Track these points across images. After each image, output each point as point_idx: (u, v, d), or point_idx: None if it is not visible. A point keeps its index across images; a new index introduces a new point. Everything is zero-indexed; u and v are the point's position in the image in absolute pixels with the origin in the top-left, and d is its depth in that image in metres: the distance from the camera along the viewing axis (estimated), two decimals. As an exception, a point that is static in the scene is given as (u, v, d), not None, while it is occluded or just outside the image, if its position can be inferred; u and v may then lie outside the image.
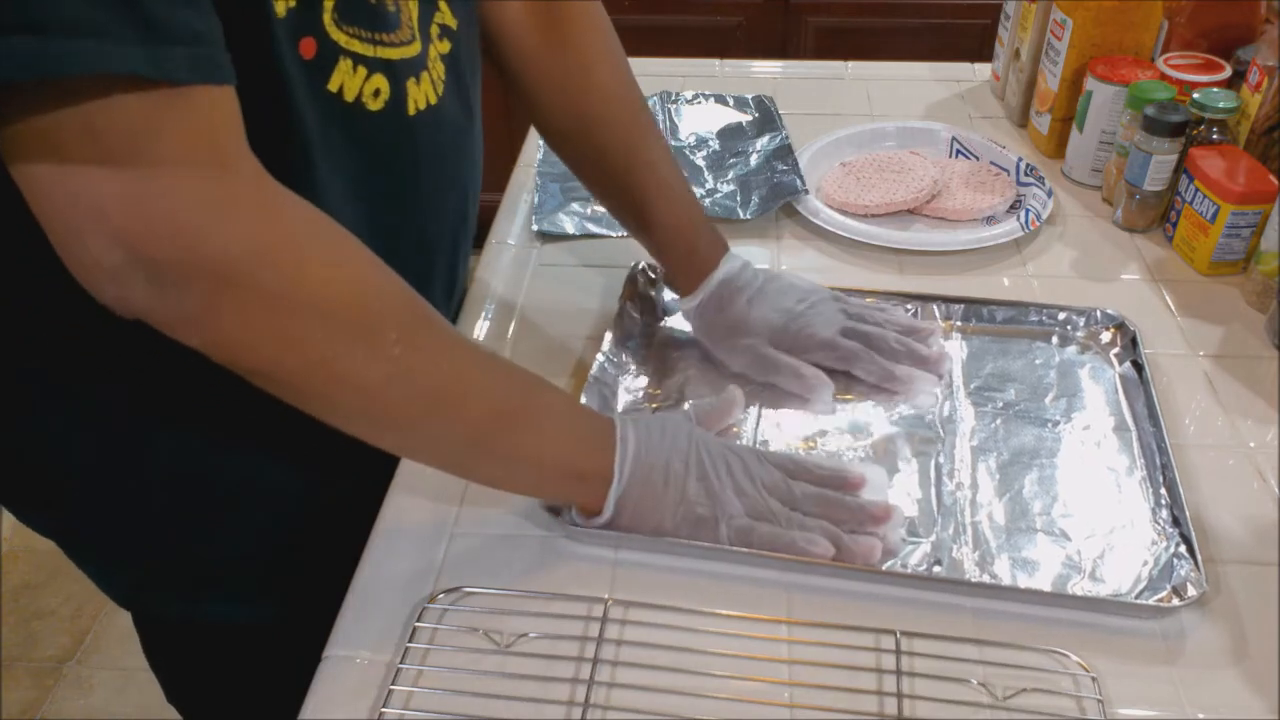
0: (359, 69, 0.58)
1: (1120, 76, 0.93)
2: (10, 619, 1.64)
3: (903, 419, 0.73)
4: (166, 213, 0.45)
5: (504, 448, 0.58)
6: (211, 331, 0.49)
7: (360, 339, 0.51)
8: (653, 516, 0.62)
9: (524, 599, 0.60)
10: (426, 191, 0.69)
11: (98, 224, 0.45)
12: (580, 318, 0.83)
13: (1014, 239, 0.90)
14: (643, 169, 0.76)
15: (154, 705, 0.84)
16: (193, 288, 0.47)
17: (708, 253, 0.77)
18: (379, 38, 0.59)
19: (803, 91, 1.18)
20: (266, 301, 0.48)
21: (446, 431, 0.57)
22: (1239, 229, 0.84)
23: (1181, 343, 0.80)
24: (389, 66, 0.60)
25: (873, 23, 1.97)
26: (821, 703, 0.55)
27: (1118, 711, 0.55)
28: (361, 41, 0.58)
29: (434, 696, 0.55)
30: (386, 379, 0.52)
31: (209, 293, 0.47)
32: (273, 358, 0.50)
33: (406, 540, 0.65)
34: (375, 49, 0.59)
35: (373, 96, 0.60)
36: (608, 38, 0.76)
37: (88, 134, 0.43)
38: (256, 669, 0.77)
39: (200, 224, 0.46)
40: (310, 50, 0.55)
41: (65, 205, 0.45)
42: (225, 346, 0.49)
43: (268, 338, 0.49)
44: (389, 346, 0.51)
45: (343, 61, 0.57)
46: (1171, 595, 0.59)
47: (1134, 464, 0.69)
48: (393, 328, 0.52)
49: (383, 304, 0.52)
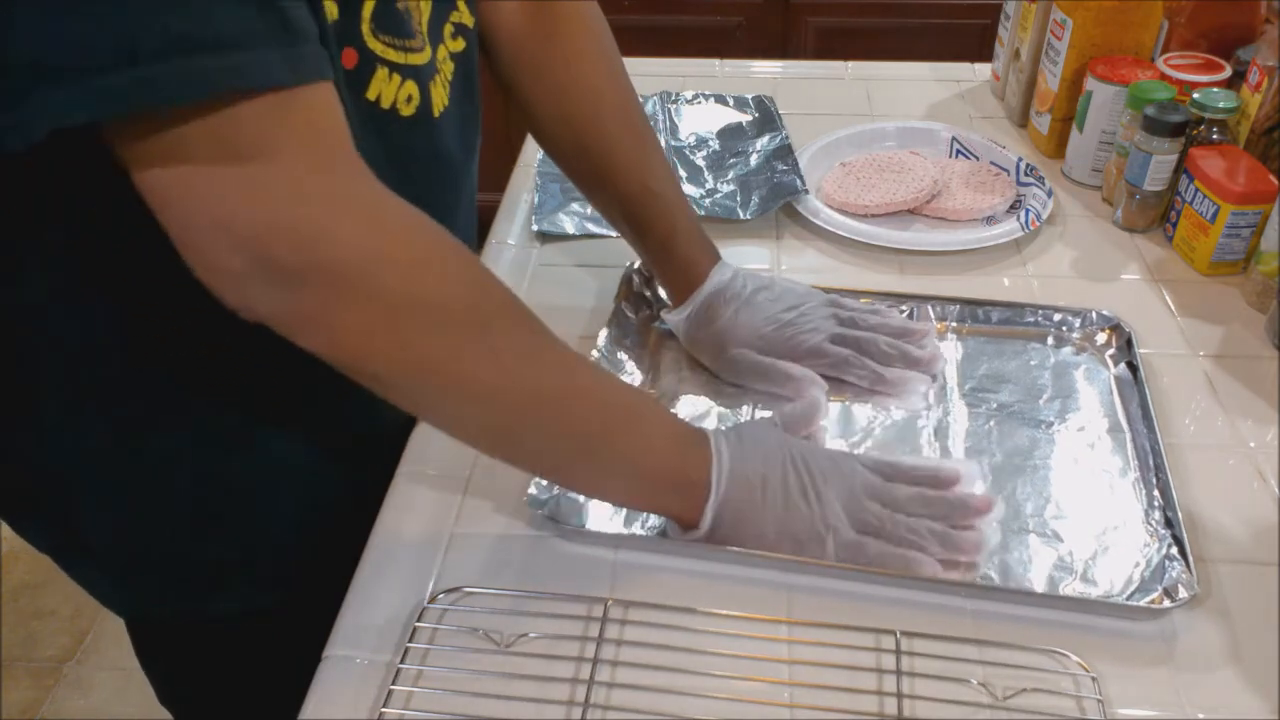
0: (394, 76, 0.59)
1: (1120, 76, 0.93)
2: (10, 619, 1.64)
3: (894, 423, 0.73)
4: (285, 214, 0.46)
5: (606, 453, 0.58)
6: (332, 333, 0.49)
7: (475, 339, 0.52)
8: (753, 527, 0.61)
9: (524, 599, 0.60)
10: (449, 193, 0.69)
11: (221, 230, 0.46)
12: (580, 317, 0.83)
13: (1014, 239, 0.90)
14: (633, 175, 0.75)
15: (154, 705, 0.84)
16: (312, 289, 0.47)
17: (697, 264, 0.77)
18: (407, 45, 0.60)
19: (803, 91, 1.18)
20: (385, 301, 0.49)
21: (552, 435, 0.57)
22: (1239, 229, 0.84)
23: (1181, 343, 0.80)
24: (417, 73, 0.61)
25: (873, 23, 1.97)
26: (821, 703, 0.55)
27: (1117, 711, 0.55)
28: (395, 50, 0.59)
29: (434, 696, 0.55)
30: (500, 380, 0.53)
31: (328, 294, 0.48)
32: (392, 359, 0.50)
33: (407, 540, 0.65)
34: (406, 56, 0.60)
35: (405, 103, 0.61)
36: (601, 40, 0.76)
37: (215, 141, 0.44)
38: (253, 669, 0.77)
39: (318, 224, 0.47)
40: (351, 60, 0.56)
41: (192, 213, 0.46)
42: (345, 349, 0.50)
43: (386, 338, 0.49)
44: (501, 348, 0.52)
45: (380, 70, 0.58)
46: (1163, 597, 0.59)
47: (1128, 465, 0.69)
48: (503, 329, 0.53)
49: (492, 304, 0.53)
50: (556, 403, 0.56)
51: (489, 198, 1.01)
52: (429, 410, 0.55)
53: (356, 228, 0.48)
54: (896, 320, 0.79)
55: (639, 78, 0.78)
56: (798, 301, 0.77)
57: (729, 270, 0.77)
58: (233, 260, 0.47)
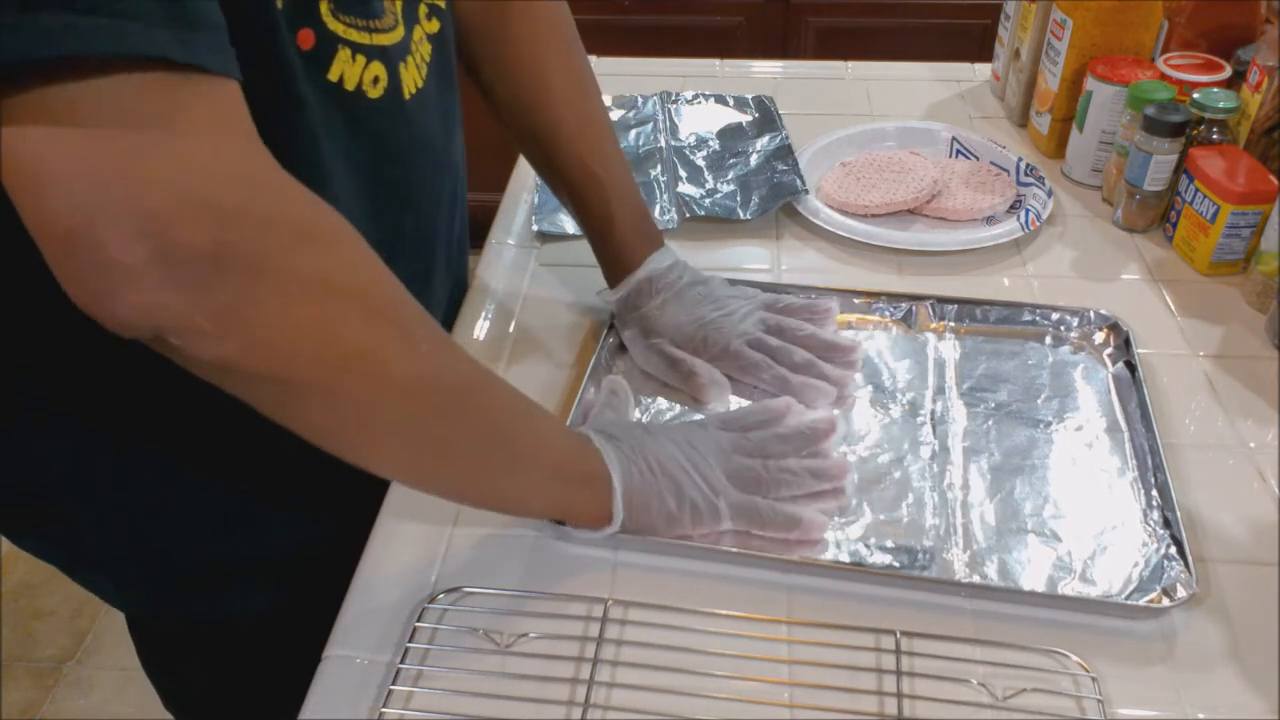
0: (358, 57, 0.58)
1: (1120, 76, 0.93)
2: (10, 619, 1.64)
3: (894, 421, 0.73)
4: (200, 191, 0.42)
5: (520, 445, 0.58)
6: (247, 329, 0.44)
7: (396, 331, 0.49)
8: (659, 510, 0.62)
9: (524, 599, 0.60)
10: (426, 177, 0.69)
11: (120, 211, 0.40)
12: (580, 317, 0.83)
13: (1014, 239, 0.90)
14: (575, 157, 0.76)
15: (154, 705, 0.84)
16: (227, 276, 0.43)
17: (634, 250, 0.77)
18: (372, 25, 0.59)
19: (803, 91, 1.18)
20: (306, 286, 0.45)
21: (469, 428, 0.55)
22: (1239, 229, 0.84)
23: (1181, 343, 0.80)
24: (384, 53, 0.60)
25: (873, 23, 1.97)
26: (821, 703, 0.55)
27: (1117, 711, 0.55)
28: (358, 30, 0.58)
29: (434, 696, 0.55)
30: (421, 376, 0.50)
31: (245, 280, 0.43)
32: (310, 354, 0.46)
33: (406, 540, 0.65)
34: (371, 36, 0.59)
35: (372, 84, 0.60)
36: (558, 26, 0.76)
37: (111, 115, 0.40)
38: (254, 670, 0.77)
39: (236, 203, 0.43)
40: (308, 41, 0.55)
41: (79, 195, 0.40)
42: (257, 347, 0.45)
43: (306, 329, 0.45)
44: (419, 341, 0.50)
45: (342, 51, 0.57)
46: (1162, 596, 0.59)
47: (1126, 465, 0.69)
48: (416, 318, 0.51)
49: (400, 293, 0.50)
50: (471, 395, 0.54)
51: (489, 198, 1.01)
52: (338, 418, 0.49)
53: (273, 207, 0.44)
54: (825, 336, 0.77)
55: (639, 78, 0.78)
56: (727, 302, 0.78)
57: (668, 258, 0.78)
58: (131, 250, 0.40)
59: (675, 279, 0.77)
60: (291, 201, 0.46)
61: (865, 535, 0.64)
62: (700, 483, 0.62)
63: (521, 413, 0.58)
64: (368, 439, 0.51)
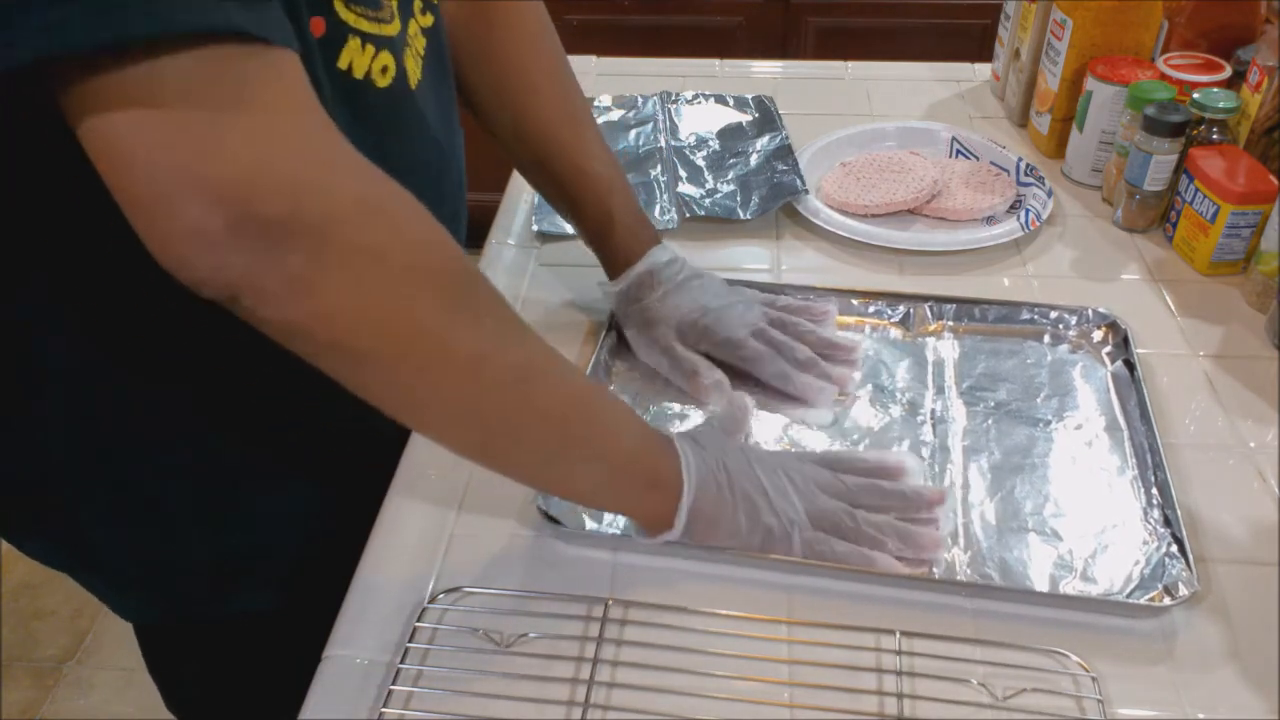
0: (367, 46, 0.58)
1: (1120, 76, 0.93)
2: (10, 619, 1.64)
3: (893, 421, 0.73)
4: (274, 164, 0.43)
5: (582, 439, 0.57)
6: (317, 298, 0.45)
7: (463, 305, 0.50)
8: (723, 527, 0.60)
9: (524, 599, 0.60)
10: (431, 168, 0.69)
11: (195, 183, 0.42)
12: (579, 317, 0.83)
13: (1014, 239, 0.90)
14: (568, 157, 0.76)
15: (154, 705, 0.84)
16: (300, 245, 0.44)
17: (633, 244, 0.77)
18: (378, 15, 0.59)
19: (803, 91, 1.18)
20: (374, 258, 0.46)
21: (531, 413, 0.54)
22: (1239, 229, 0.84)
23: (1181, 343, 0.80)
24: (390, 43, 0.60)
25: (873, 23, 1.97)
26: (822, 703, 0.55)
27: (1118, 711, 0.55)
28: (367, 20, 0.58)
29: (434, 696, 0.55)
30: (484, 350, 0.51)
31: (316, 249, 0.44)
32: (378, 324, 0.47)
33: (406, 540, 0.65)
34: (378, 26, 0.59)
35: (380, 73, 0.60)
36: (539, 30, 0.76)
37: (185, 86, 0.41)
38: (254, 671, 0.77)
39: (308, 176, 0.44)
40: (319, 29, 0.55)
41: (160, 166, 0.42)
42: (329, 316, 0.46)
43: (375, 300, 0.46)
44: (485, 315, 0.50)
45: (351, 39, 0.57)
46: (1163, 594, 0.59)
47: (1125, 464, 0.69)
48: (485, 296, 0.51)
49: (470, 270, 0.51)
50: (535, 378, 0.54)
51: (489, 198, 1.01)
52: (403, 391, 0.51)
53: (344, 180, 0.46)
54: (826, 334, 0.78)
55: (639, 78, 0.78)
56: (729, 295, 0.78)
57: (667, 253, 0.78)
58: (209, 218, 0.42)
59: (675, 272, 0.77)
60: (361, 177, 0.47)
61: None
62: (777, 510, 0.61)
63: (588, 404, 0.57)
64: (429, 414, 0.53)
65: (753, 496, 0.61)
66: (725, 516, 0.60)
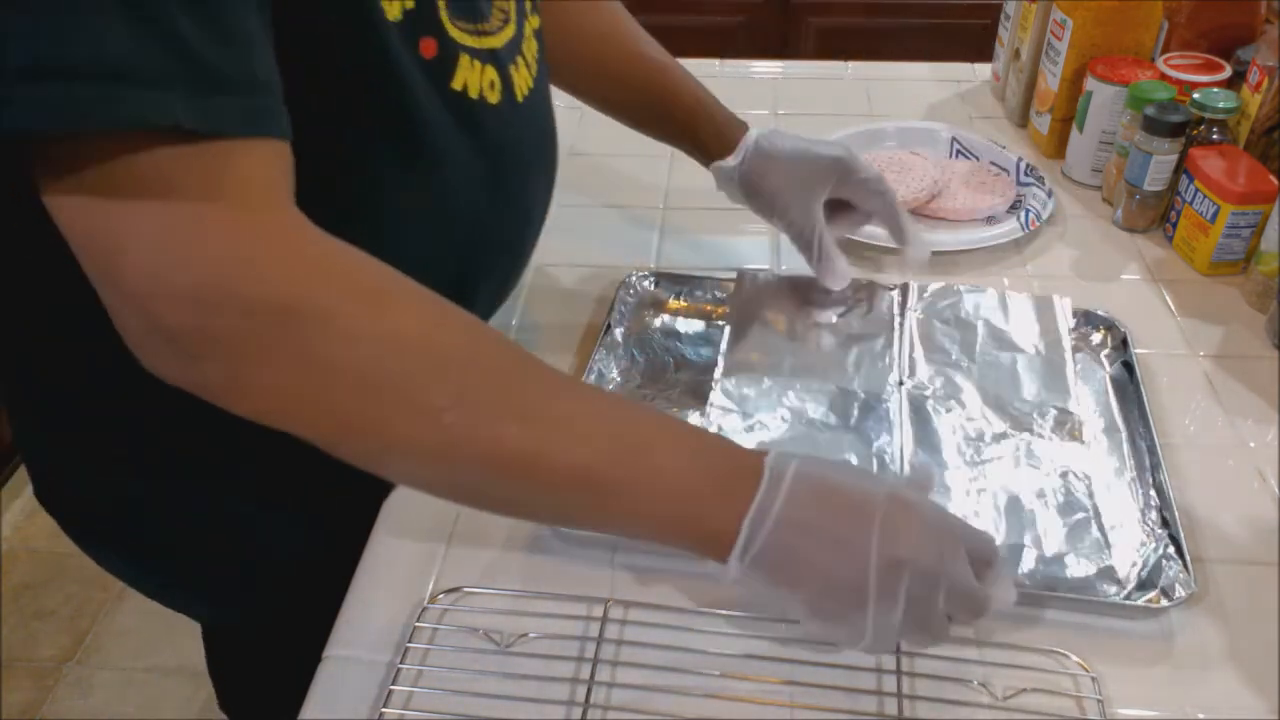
0: (475, 63, 0.57)
1: (1120, 76, 0.93)
2: (10, 619, 1.64)
3: (891, 414, 0.72)
4: (174, 274, 0.42)
5: (587, 512, 0.50)
6: (243, 402, 0.45)
7: (402, 404, 0.45)
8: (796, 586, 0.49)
9: (524, 599, 0.60)
10: (539, 175, 0.69)
11: (115, 286, 0.43)
12: (579, 318, 0.83)
13: (1014, 239, 0.90)
14: (649, 59, 0.78)
15: (154, 705, 0.84)
16: (215, 354, 0.43)
17: (734, 120, 0.78)
18: (481, 28, 0.58)
19: (803, 91, 1.18)
20: (290, 367, 0.44)
21: (517, 498, 0.50)
22: (1239, 229, 0.84)
23: (1181, 343, 0.80)
24: (495, 56, 0.59)
25: (873, 23, 1.97)
26: (822, 703, 0.55)
27: (1118, 711, 0.55)
28: (471, 35, 0.57)
29: (434, 696, 0.55)
30: (437, 448, 0.46)
31: (231, 359, 0.44)
32: (312, 425, 0.46)
33: (407, 540, 0.65)
34: (481, 40, 0.58)
35: (490, 89, 0.58)
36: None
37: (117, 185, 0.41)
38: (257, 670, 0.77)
39: (215, 287, 0.42)
40: (431, 50, 0.54)
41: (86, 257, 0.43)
42: (264, 415, 0.45)
43: (301, 405, 0.45)
44: (440, 412, 0.45)
45: (463, 57, 0.56)
46: (1160, 596, 0.59)
47: (1124, 465, 0.69)
48: (444, 390, 0.46)
49: (429, 364, 0.46)
50: (516, 470, 0.47)
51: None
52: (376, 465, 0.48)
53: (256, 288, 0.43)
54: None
55: (639, 78, 0.78)
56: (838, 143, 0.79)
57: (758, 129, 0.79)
58: (130, 322, 0.43)
59: (784, 136, 0.77)
60: (282, 279, 0.44)
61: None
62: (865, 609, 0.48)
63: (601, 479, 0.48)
64: (413, 483, 0.51)
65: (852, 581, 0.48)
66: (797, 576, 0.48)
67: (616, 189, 1.00)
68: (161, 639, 1.57)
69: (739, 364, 0.75)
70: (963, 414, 0.71)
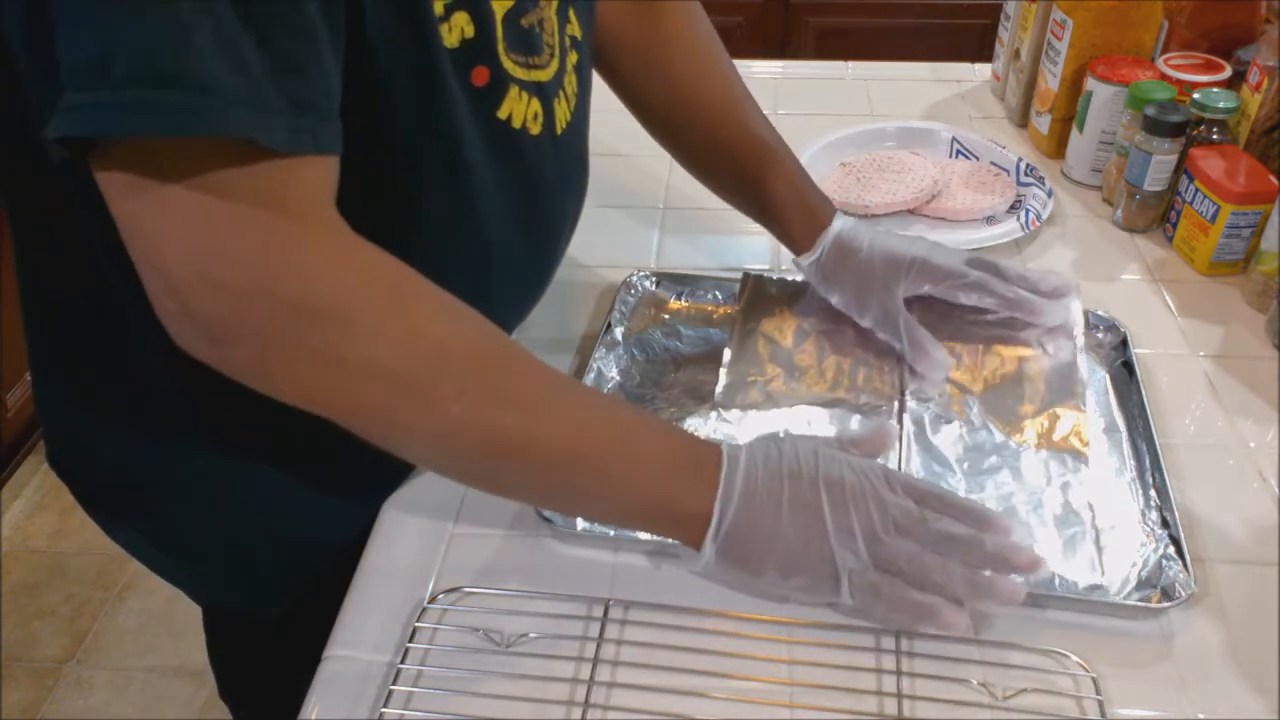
0: (523, 95, 0.60)
1: (1120, 76, 0.93)
2: (10, 619, 1.64)
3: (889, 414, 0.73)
4: (209, 270, 0.46)
5: (575, 493, 0.56)
6: (268, 382, 0.50)
7: (413, 396, 0.50)
8: (763, 558, 0.55)
9: (524, 599, 0.60)
10: (569, 207, 0.71)
11: (158, 269, 0.46)
12: (578, 319, 0.83)
13: (1014, 239, 0.90)
14: (748, 134, 0.77)
15: (154, 705, 0.84)
16: (240, 341, 0.48)
17: (820, 207, 0.77)
18: (531, 61, 0.60)
19: (803, 91, 1.18)
20: (312, 356, 0.48)
21: (521, 479, 0.55)
22: (1239, 229, 0.84)
23: (1181, 343, 0.80)
24: (541, 89, 0.62)
25: (873, 23, 1.97)
26: (822, 703, 0.55)
27: (1117, 712, 0.55)
28: (523, 68, 0.59)
29: (434, 696, 0.55)
30: (443, 433, 0.52)
31: (256, 347, 0.48)
32: (329, 408, 0.50)
33: (407, 540, 0.65)
34: (530, 73, 0.60)
35: (533, 120, 0.61)
36: (702, 24, 0.78)
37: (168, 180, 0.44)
38: (256, 670, 0.77)
39: (244, 282, 0.46)
40: (483, 78, 0.56)
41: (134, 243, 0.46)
42: (285, 396, 0.50)
43: (320, 392, 0.50)
44: (447, 403, 0.50)
45: (512, 88, 0.59)
46: (1160, 596, 0.59)
47: (1124, 465, 0.69)
48: (451, 384, 0.51)
49: (441, 360, 0.51)
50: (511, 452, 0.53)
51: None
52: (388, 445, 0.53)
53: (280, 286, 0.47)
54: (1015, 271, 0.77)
55: (639, 78, 0.78)
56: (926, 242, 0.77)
57: (847, 220, 0.78)
58: (167, 304, 0.47)
59: (868, 230, 0.76)
60: (314, 280, 0.48)
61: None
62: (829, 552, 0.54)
63: (587, 458, 0.54)
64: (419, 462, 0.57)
65: (808, 532, 0.54)
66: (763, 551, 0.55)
67: (617, 189, 1.00)
68: (162, 639, 1.57)
69: (742, 373, 0.75)
70: (963, 423, 0.71)
